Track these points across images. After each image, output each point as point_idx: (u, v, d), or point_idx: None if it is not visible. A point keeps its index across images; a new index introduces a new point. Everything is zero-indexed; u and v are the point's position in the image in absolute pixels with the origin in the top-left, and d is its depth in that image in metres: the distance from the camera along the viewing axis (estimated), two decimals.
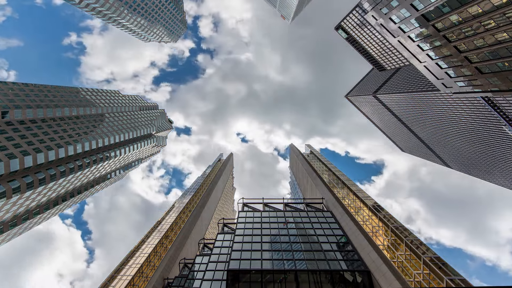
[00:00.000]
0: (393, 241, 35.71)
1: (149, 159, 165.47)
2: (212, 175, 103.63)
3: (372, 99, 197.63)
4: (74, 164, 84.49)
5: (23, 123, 74.65)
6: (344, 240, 43.90)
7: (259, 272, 36.53)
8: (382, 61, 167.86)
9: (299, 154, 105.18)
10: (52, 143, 76.85)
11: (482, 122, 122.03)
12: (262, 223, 52.03)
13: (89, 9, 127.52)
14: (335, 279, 35.56)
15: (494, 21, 39.97)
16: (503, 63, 44.13)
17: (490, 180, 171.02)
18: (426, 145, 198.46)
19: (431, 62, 58.30)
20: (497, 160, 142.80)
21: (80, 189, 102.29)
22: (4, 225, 70.35)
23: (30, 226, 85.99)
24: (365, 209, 45.35)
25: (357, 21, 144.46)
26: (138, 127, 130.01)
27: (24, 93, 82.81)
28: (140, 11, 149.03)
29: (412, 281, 29.22)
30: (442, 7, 45.01)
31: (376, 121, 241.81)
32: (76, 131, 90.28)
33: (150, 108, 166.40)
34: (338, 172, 68.03)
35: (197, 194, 78.74)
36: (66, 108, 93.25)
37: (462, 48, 48.69)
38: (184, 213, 65.45)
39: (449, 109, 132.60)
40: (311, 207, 65.05)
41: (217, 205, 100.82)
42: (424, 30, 51.84)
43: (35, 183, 69.93)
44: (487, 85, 50.83)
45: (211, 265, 43.34)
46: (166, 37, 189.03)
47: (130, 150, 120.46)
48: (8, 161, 61.77)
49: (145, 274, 42.57)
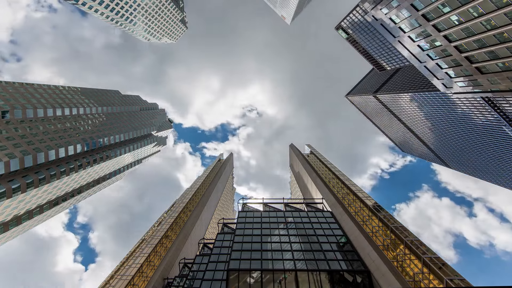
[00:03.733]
0: (393, 241, 35.72)
1: (149, 159, 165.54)
2: (212, 175, 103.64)
3: (372, 99, 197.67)
4: (74, 164, 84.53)
5: (23, 122, 74.67)
6: (344, 240, 43.90)
7: (259, 272, 36.55)
8: (382, 61, 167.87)
9: (299, 154, 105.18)
10: (52, 143, 76.88)
11: (482, 122, 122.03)
12: (262, 223, 52.03)
13: (88, 8, 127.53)
14: (335, 279, 35.56)
15: (494, 21, 39.97)
16: (503, 63, 44.12)
17: (490, 180, 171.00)
18: (426, 145, 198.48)
19: (431, 62, 58.30)
20: (497, 160, 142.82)
21: (80, 189, 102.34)
22: (4, 225, 70.39)
23: (30, 226, 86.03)
24: (365, 209, 45.37)
25: (357, 21, 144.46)
26: (138, 127, 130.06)
27: (24, 93, 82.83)
28: (140, 11, 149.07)
29: (412, 281, 29.22)
30: (442, 7, 45.02)
31: (376, 121, 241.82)
32: (76, 131, 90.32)
33: (150, 108, 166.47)
34: (338, 172, 68.04)
35: (197, 194, 78.76)
36: (66, 108, 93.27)
37: (462, 48, 48.70)
38: (184, 213, 65.46)
39: (449, 109, 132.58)
40: (311, 207, 65.05)
41: (217, 205, 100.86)
42: (424, 30, 51.85)
43: (35, 183, 69.96)
44: (487, 85, 50.83)
45: (211, 265, 43.35)
46: (166, 37, 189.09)
47: (130, 150, 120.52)
48: (8, 160, 61.79)
49: (145, 274, 42.59)
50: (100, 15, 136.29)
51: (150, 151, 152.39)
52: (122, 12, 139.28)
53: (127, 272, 41.13)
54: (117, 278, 41.26)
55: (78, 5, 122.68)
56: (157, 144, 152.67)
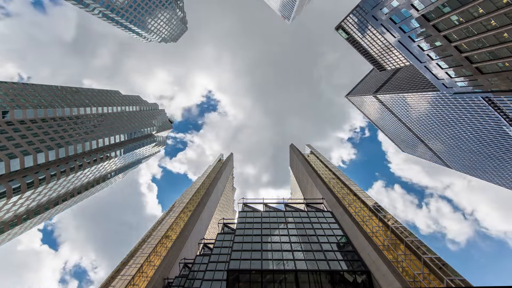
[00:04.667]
0: (393, 242, 35.71)
1: (149, 158, 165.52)
2: (212, 175, 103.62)
3: (372, 99, 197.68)
4: (74, 164, 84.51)
5: (23, 123, 74.65)
6: (344, 240, 43.89)
7: (259, 272, 36.53)
8: (382, 61, 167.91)
9: (299, 154, 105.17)
10: (53, 143, 76.86)
11: (482, 122, 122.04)
12: (262, 223, 52.02)
13: (89, 9, 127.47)
14: (335, 279, 35.56)
15: (494, 21, 39.96)
16: (503, 63, 44.12)
17: (490, 180, 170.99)
18: (426, 145, 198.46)
19: (431, 62, 58.29)
20: (497, 160, 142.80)
21: (80, 189, 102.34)
22: (5, 225, 70.37)
23: (31, 226, 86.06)
24: (365, 209, 45.36)
25: (357, 21, 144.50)
26: (138, 127, 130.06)
27: (24, 93, 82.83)
28: (140, 11, 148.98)
29: (412, 282, 29.22)
30: (442, 7, 45.01)
31: (376, 121, 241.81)
32: (76, 131, 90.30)
33: (150, 108, 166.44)
34: (338, 172, 68.05)
35: (197, 194, 78.76)
36: (66, 108, 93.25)
37: (462, 48, 48.68)
38: (184, 213, 65.46)
39: (449, 109, 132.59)
40: (311, 207, 65.05)
41: (217, 205, 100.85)
42: (425, 30, 51.84)
43: (35, 183, 69.93)
44: (488, 85, 50.83)
45: (211, 265, 43.36)
46: (166, 37, 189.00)
47: (130, 150, 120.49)
48: (8, 161, 61.78)
49: (145, 274, 42.58)
50: (100, 15, 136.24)
51: (150, 152, 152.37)
52: (122, 12, 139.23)
53: (128, 272, 41.14)
54: (117, 278, 41.26)
55: (78, 5, 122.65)
56: (157, 145, 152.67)
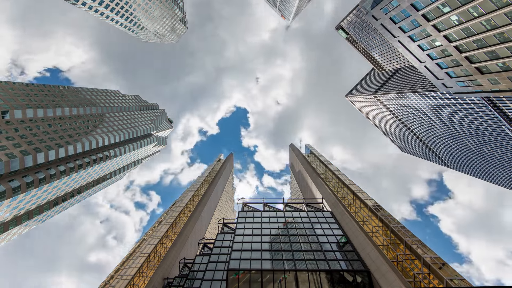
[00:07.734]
0: (393, 241, 35.70)
1: (149, 158, 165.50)
2: (212, 175, 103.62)
3: (372, 99, 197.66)
4: (74, 163, 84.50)
5: (23, 122, 74.64)
6: (344, 240, 43.89)
7: (259, 272, 36.52)
8: (382, 61, 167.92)
9: (299, 154, 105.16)
10: (52, 143, 76.84)
11: (482, 122, 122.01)
12: (262, 223, 52.02)
13: (88, 8, 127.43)
14: (335, 279, 35.55)
15: (494, 21, 39.96)
16: (503, 63, 44.11)
17: (490, 180, 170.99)
18: (426, 145, 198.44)
19: (431, 62, 58.28)
20: (497, 160, 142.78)
21: (80, 189, 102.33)
22: (4, 225, 70.36)
23: (30, 226, 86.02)
24: (365, 209, 45.34)
25: (357, 21, 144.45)
26: (138, 127, 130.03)
27: (24, 93, 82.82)
28: (140, 11, 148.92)
29: (412, 281, 29.21)
30: (442, 7, 45.01)
31: (376, 121, 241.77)
32: (76, 131, 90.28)
33: (150, 108, 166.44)
34: (338, 172, 68.01)
35: (197, 194, 78.74)
36: (66, 107, 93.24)
37: (462, 48, 48.68)
38: (184, 213, 65.43)
39: (449, 109, 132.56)
40: (311, 207, 65.05)
41: (217, 205, 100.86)
42: (424, 30, 51.83)
43: (35, 183, 69.92)
44: (487, 85, 50.82)
45: (211, 265, 43.37)
46: (166, 37, 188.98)
47: (130, 150, 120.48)
48: (8, 161, 61.76)
49: (145, 274, 42.56)
50: (100, 15, 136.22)
51: (150, 151, 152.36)
52: (122, 12, 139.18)
53: (127, 272, 41.11)
54: (117, 278, 41.23)
55: (77, 5, 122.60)
56: (157, 144, 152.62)
